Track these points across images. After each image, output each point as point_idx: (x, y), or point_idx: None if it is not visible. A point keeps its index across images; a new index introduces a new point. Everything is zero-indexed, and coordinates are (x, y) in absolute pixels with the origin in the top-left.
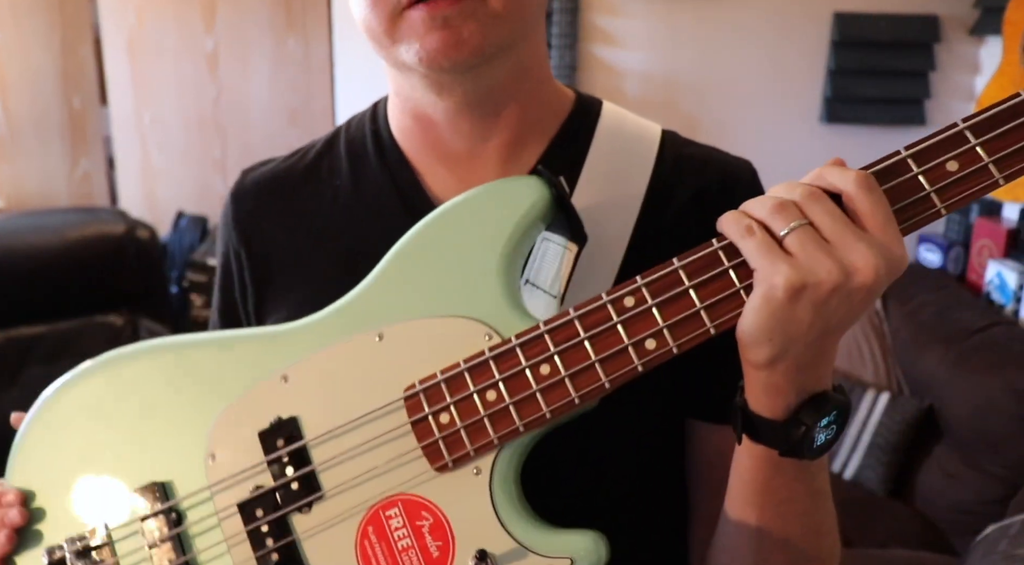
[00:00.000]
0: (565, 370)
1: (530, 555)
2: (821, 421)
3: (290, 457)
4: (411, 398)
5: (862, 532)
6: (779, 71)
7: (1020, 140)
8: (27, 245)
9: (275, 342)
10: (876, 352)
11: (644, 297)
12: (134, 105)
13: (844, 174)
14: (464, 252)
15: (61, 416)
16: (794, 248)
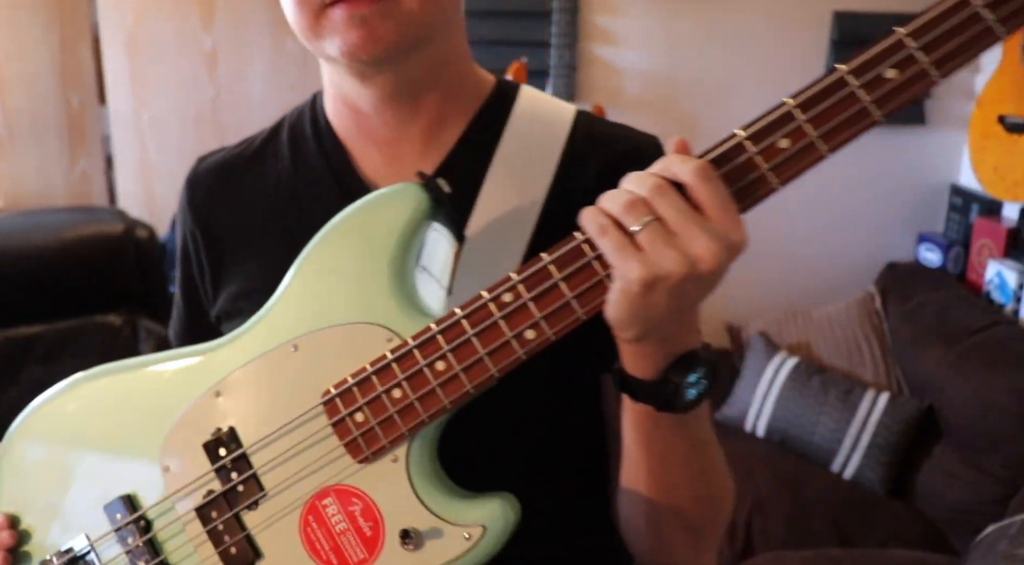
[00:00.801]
0: (458, 365)
1: (448, 527)
2: (689, 378)
3: (233, 464)
4: (328, 402)
5: (862, 532)
6: (779, 70)
7: (840, 113)
8: (25, 244)
9: (205, 361)
10: (876, 352)
11: (520, 293)
12: (133, 104)
13: (684, 164)
14: (357, 262)
15: (30, 446)
16: (644, 244)
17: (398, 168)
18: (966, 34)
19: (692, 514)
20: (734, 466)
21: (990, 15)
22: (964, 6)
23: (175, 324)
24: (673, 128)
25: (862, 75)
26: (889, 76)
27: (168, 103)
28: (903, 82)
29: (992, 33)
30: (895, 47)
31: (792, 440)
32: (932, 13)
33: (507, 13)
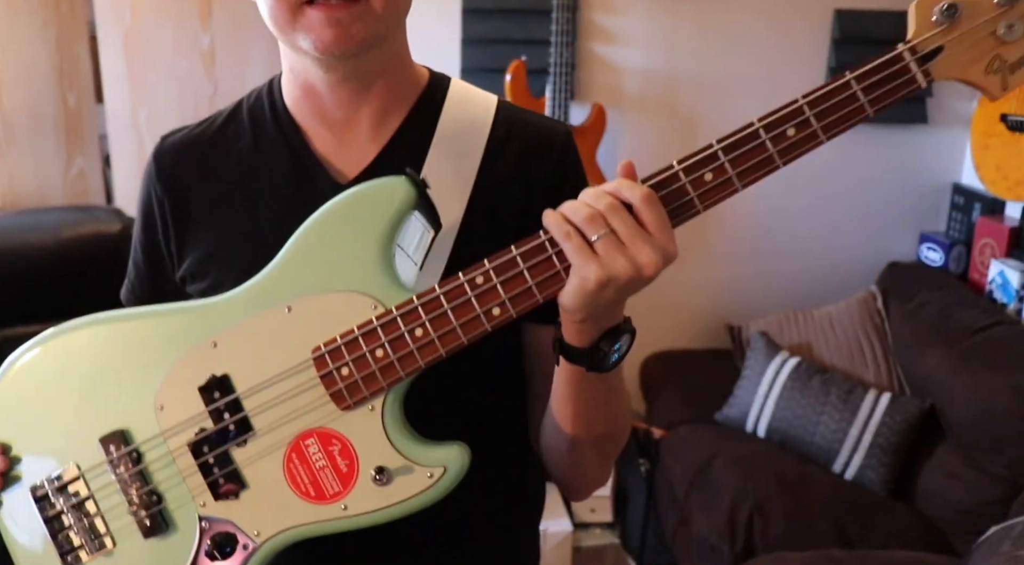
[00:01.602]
0: (434, 333)
1: (415, 467)
2: (615, 346)
3: (226, 406)
4: (318, 358)
5: (863, 533)
6: (779, 69)
7: (754, 157)
8: (22, 244)
9: (204, 314)
10: (877, 352)
11: (491, 276)
12: (130, 102)
13: (633, 190)
14: (351, 239)
15: (26, 377)
16: (600, 251)
17: (348, 148)
18: (846, 109)
19: (602, 441)
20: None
21: (863, 97)
22: (847, 87)
23: (133, 286)
24: (673, 126)
25: (770, 130)
26: (790, 133)
27: (165, 102)
28: (798, 140)
29: (864, 110)
30: (796, 112)
31: (793, 440)
32: (824, 89)
33: (507, 11)
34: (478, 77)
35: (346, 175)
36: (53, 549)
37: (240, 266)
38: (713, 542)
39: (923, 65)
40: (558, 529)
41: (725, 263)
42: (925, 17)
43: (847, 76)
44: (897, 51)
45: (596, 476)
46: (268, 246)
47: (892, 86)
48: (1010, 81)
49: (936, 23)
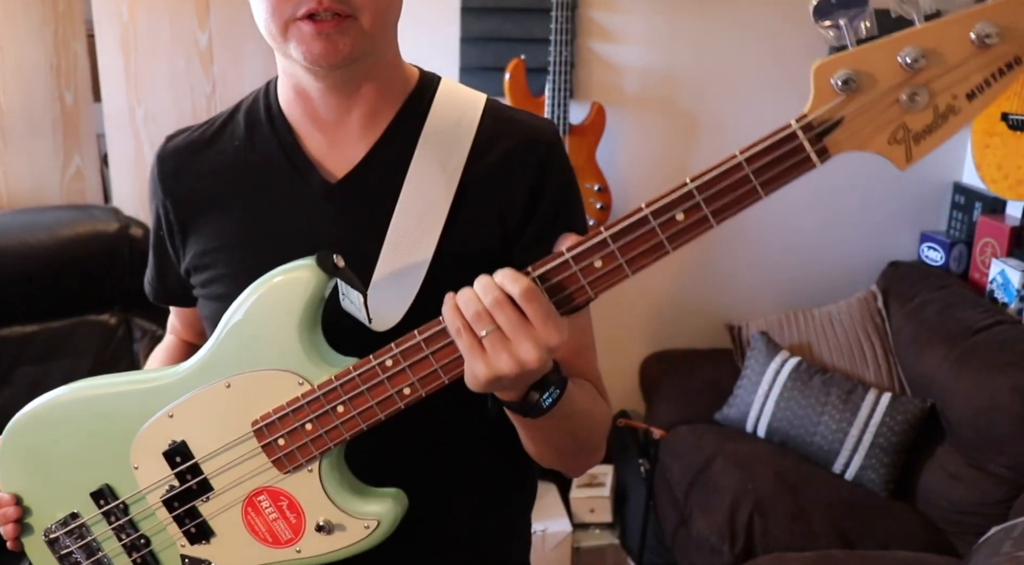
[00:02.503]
0: (355, 410)
1: (352, 520)
2: (544, 394)
3: (188, 469)
4: (257, 430)
5: (863, 533)
6: (779, 67)
7: (644, 243)
8: (19, 243)
9: (161, 389)
10: (878, 351)
11: (399, 360)
12: (127, 101)
13: (515, 284)
14: (276, 322)
15: (28, 439)
16: (487, 348)
17: (339, 148)
18: (737, 192)
19: (581, 447)
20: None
21: (754, 179)
22: (738, 169)
23: (148, 275)
24: (672, 125)
25: (659, 216)
26: (679, 219)
27: (163, 100)
28: (688, 224)
29: (756, 193)
30: (686, 196)
31: (793, 440)
32: (715, 172)
33: (506, 10)
34: (477, 76)
35: (336, 174)
36: None
37: (241, 261)
38: (713, 542)
39: (819, 141)
40: (557, 529)
41: (725, 263)
42: (824, 85)
43: (738, 157)
44: (789, 129)
45: (586, 463)
46: (265, 242)
47: (785, 166)
48: (914, 152)
49: (836, 91)
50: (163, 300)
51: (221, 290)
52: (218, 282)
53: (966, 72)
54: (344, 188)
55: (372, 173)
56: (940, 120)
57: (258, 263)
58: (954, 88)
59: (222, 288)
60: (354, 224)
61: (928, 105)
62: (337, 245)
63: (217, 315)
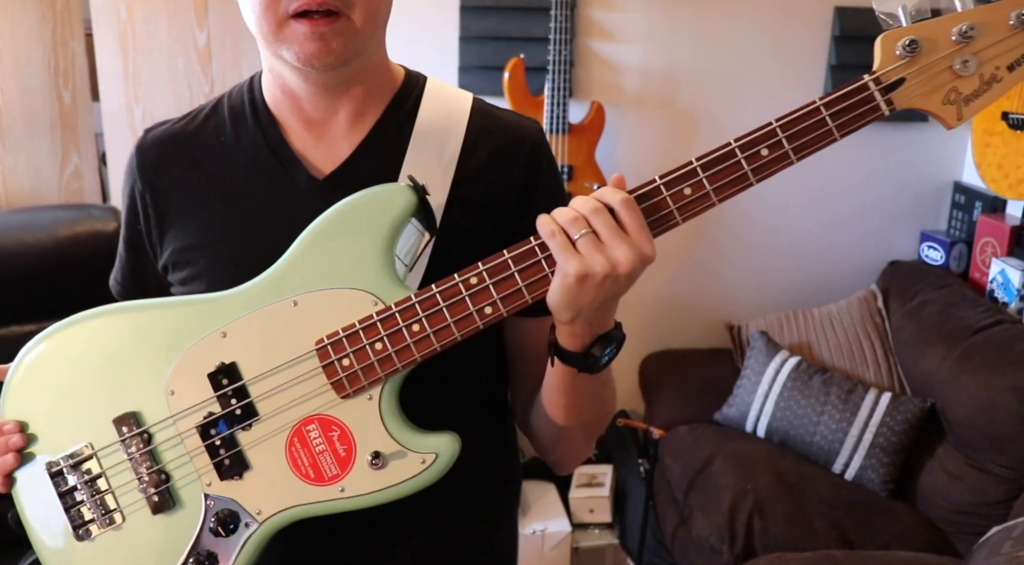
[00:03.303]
0: (430, 328)
1: (409, 453)
2: (605, 350)
3: (234, 392)
4: (321, 349)
5: (863, 534)
6: (779, 66)
7: (730, 174)
8: (17, 243)
9: (216, 306)
10: (878, 351)
11: (484, 277)
12: (126, 100)
13: (615, 195)
14: (355, 240)
15: (43, 361)
16: (581, 249)
17: (325, 145)
18: (815, 132)
19: (590, 425)
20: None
21: (831, 122)
22: (816, 113)
23: (117, 274)
24: (672, 124)
25: (745, 150)
26: (763, 153)
27: (162, 99)
28: (771, 159)
29: (832, 134)
30: (770, 133)
31: (793, 440)
32: (796, 114)
33: (505, 8)
34: (476, 74)
35: (322, 171)
36: (66, 522)
37: (223, 256)
38: (713, 543)
39: (886, 94)
40: (557, 529)
41: (725, 262)
42: (889, 50)
43: (816, 102)
44: (863, 81)
45: (582, 453)
46: (248, 237)
47: (858, 113)
48: (964, 112)
49: (899, 56)
50: (135, 298)
51: (202, 286)
52: (199, 278)
53: (1008, 46)
54: (332, 184)
55: (361, 170)
56: (984, 86)
57: (241, 259)
58: (997, 59)
59: (203, 285)
60: None
61: (976, 72)
62: None
63: None
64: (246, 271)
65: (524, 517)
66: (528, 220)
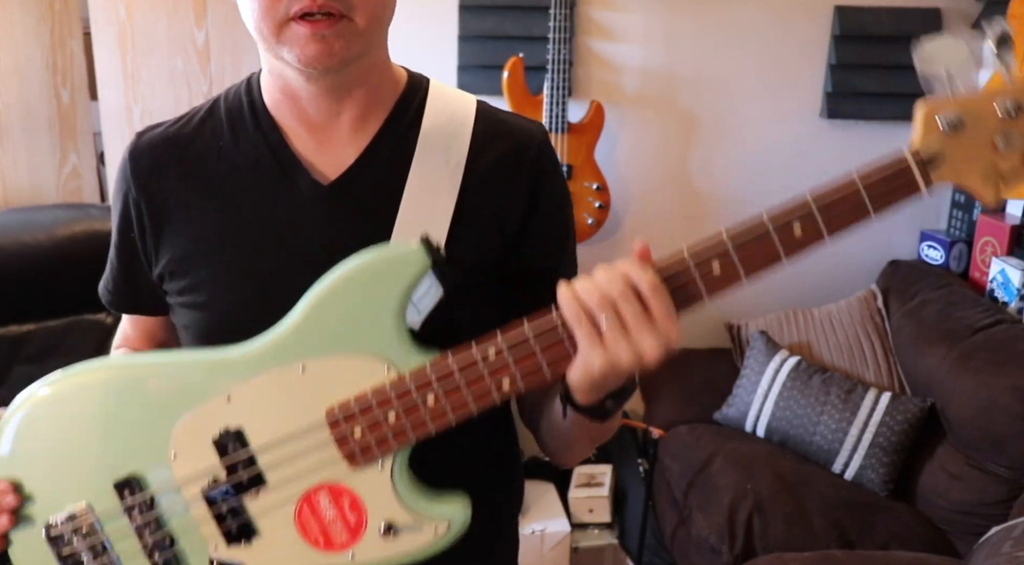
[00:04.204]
0: (447, 402)
1: (422, 520)
2: (619, 402)
3: (241, 460)
4: (332, 419)
5: (863, 533)
6: (779, 66)
7: (763, 251)
8: (15, 242)
9: (219, 366)
10: (877, 351)
11: (503, 352)
12: (124, 99)
13: (643, 277)
14: (367, 302)
15: (40, 416)
16: (608, 340)
17: (329, 149)
18: (851, 211)
19: (597, 439)
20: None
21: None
22: (854, 191)
23: (108, 283)
24: (672, 123)
25: (779, 227)
26: (796, 232)
27: (160, 98)
28: (804, 238)
29: (867, 213)
30: (805, 211)
31: (793, 440)
32: (833, 192)
33: (504, 7)
34: (475, 74)
35: (327, 176)
36: None
37: (223, 266)
38: (712, 542)
39: (926, 170)
40: (556, 530)
41: None
42: (930, 123)
43: (855, 181)
44: (904, 159)
45: (585, 453)
46: (250, 246)
47: (896, 191)
48: (1003, 190)
49: (941, 130)
50: (126, 307)
51: (202, 297)
52: (198, 289)
53: None
54: (338, 190)
55: (368, 176)
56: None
57: (243, 268)
58: None
59: (202, 295)
60: (352, 227)
61: (1019, 149)
62: (334, 248)
63: (197, 324)
64: (249, 282)
65: (523, 517)
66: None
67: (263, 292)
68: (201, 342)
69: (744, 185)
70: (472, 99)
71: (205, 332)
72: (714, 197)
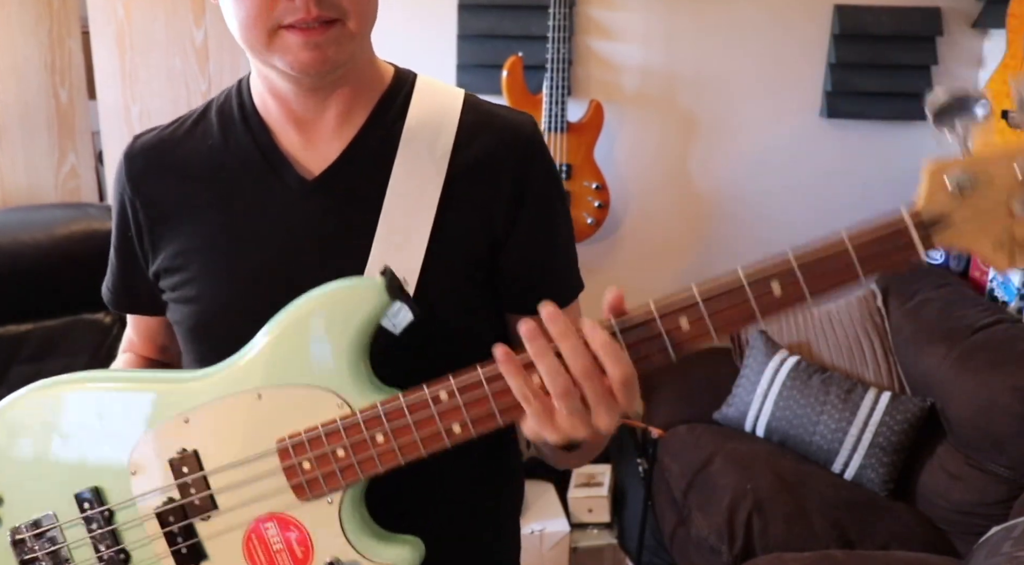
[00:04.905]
0: (396, 442)
1: (366, 562)
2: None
3: (194, 482)
4: (283, 448)
5: (863, 533)
6: (779, 65)
7: (736, 310)
8: (13, 241)
9: (180, 389)
10: (877, 350)
11: (455, 395)
12: (122, 99)
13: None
14: (325, 336)
15: (13, 425)
16: (561, 419)
17: (314, 146)
18: (837, 272)
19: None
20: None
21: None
22: (842, 252)
23: (108, 282)
24: (671, 123)
25: (756, 286)
26: (775, 291)
27: (158, 98)
28: (784, 298)
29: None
30: (786, 270)
31: (792, 440)
32: (818, 251)
33: (503, 7)
34: (474, 73)
35: (312, 172)
36: None
37: (216, 260)
38: (712, 542)
39: (927, 233)
40: (555, 529)
41: (722, 260)
42: (938, 183)
43: (844, 240)
44: (900, 220)
45: (583, 463)
46: (241, 241)
47: (890, 254)
48: (1020, 258)
49: (950, 192)
50: (126, 308)
51: (194, 292)
52: (192, 284)
53: None
54: (324, 185)
55: (353, 169)
56: None
57: (233, 263)
58: None
59: (195, 290)
60: (338, 220)
61: None
62: (321, 241)
63: (189, 319)
64: (239, 277)
65: (523, 517)
66: (524, 215)
67: (252, 287)
68: (192, 336)
69: (744, 184)
70: (460, 92)
71: (195, 326)
72: (714, 196)
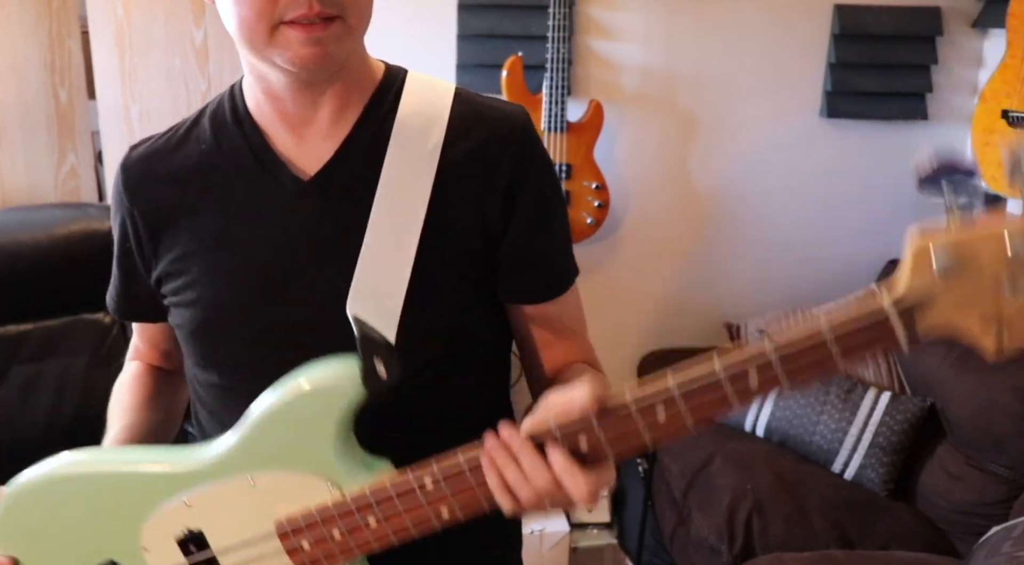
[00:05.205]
0: (388, 526)
1: None
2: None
3: (203, 561)
4: (282, 531)
5: (863, 533)
6: (778, 65)
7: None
8: (13, 241)
9: (177, 475)
10: None
11: (439, 483)
12: (122, 98)
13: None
14: (309, 422)
15: (30, 506)
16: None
17: (308, 145)
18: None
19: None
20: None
21: (837, 355)
22: (821, 343)
23: (112, 291)
24: (671, 122)
25: (734, 379)
26: (752, 384)
27: (158, 98)
28: (761, 386)
29: (835, 365)
30: (764, 362)
31: (792, 440)
32: (797, 343)
33: (503, 7)
34: (474, 73)
35: (307, 172)
36: None
37: (216, 263)
38: (712, 543)
39: (911, 318)
40: (555, 529)
41: (723, 261)
42: (923, 263)
43: (823, 333)
44: (881, 309)
45: None
46: (240, 243)
47: (871, 344)
48: (1008, 339)
49: (936, 274)
50: (130, 315)
51: (194, 295)
52: (191, 287)
53: None
54: (318, 185)
55: (346, 168)
56: None
57: (232, 266)
58: None
59: (195, 293)
60: (334, 220)
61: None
62: (318, 242)
63: (190, 322)
64: (238, 279)
65: None
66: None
67: (251, 288)
68: (193, 339)
69: (743, 184)
70: (451, 86)
71: (196, 329)
72: (714, 196)
